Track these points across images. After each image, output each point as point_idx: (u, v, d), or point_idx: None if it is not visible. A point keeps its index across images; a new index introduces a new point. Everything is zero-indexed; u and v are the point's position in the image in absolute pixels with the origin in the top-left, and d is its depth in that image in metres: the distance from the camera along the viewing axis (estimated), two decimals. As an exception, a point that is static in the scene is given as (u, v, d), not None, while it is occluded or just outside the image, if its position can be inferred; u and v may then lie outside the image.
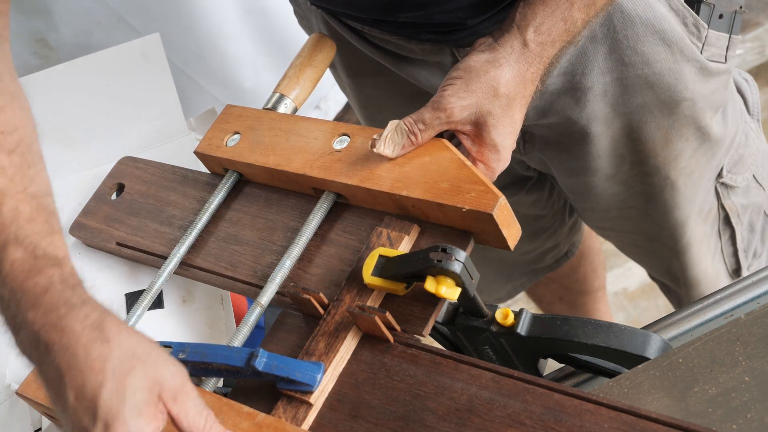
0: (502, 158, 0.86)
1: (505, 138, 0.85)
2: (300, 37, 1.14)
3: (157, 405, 0.65)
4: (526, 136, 1.15)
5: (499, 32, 0.86)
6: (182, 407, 0.67)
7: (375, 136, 0.86)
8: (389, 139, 0.85)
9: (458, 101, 0.83)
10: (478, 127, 0.84)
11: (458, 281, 0.76)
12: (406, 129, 0.84)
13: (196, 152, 1.01)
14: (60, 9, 1.84)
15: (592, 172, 1.14)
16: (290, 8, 1.19)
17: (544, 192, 1.37)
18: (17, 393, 0.87)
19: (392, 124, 0.85)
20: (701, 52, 1.04)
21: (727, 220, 1.26)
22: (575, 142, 1.10)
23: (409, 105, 0.88)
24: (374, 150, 0.85)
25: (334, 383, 0.79)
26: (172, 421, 0.67)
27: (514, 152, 1.17)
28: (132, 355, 0.65)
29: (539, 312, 1.90)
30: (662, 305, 2.10)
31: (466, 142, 0.85)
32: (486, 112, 0.84)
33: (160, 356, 0.67)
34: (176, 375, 0.67)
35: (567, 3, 0.84)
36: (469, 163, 0.83)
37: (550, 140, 1.13)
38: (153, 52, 1.23)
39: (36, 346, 0.67)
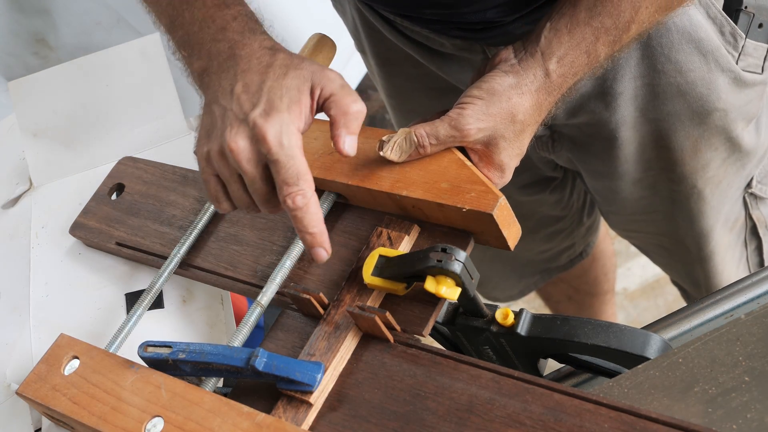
0: (505, 176, 0.86)
1: (511, 159, 0.85)
2: (300, 37, 1.14)
3: (307, 104, 0.79)
4: (555, 135, 1.14)
5: (521, 51, 0.85)
6: (329, 98, 0.80)
7: (384, 138, 0.85)
8: (397, 146, 0.85)
9: (476, 123, 0.82)
10: (489, 148, 0.84)
11: (458, 281, 0.76)
12: (416, 141, 0.84)
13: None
14: (60, 9, 1.83)
15: (618, 176, 1.14)
16: (290, 9, 1.20)
17: (565, 192, 1.37)
18: (17, 393, 0.87)
19: (403, 131, 0.84)
20: (737, 62, 1.02)
21: (754, 231, 1.25)
22: (603, 146, 1.09)
23: (436, 99, 0.87)
24: (380, 153, 0.85)
25: (334, 383, 0.79)
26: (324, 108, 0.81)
27: (543, 152, 1.17)
28: (290, 63, 0.80)
29: (545, 310, 1.91)
30: (662, 305, 2.10)
31: (474, 157, 0.85)
32: (499, 136, 0.83)
33: (313, 65, 0.81)
34: (322, 78, 0.80)
35: (593, 36, 0.83)
36: (469, 163, 0.83)
37: (578, 141, 1.12)
38: (153, 52, 1.23)
39: (224, 56, 0.83)
